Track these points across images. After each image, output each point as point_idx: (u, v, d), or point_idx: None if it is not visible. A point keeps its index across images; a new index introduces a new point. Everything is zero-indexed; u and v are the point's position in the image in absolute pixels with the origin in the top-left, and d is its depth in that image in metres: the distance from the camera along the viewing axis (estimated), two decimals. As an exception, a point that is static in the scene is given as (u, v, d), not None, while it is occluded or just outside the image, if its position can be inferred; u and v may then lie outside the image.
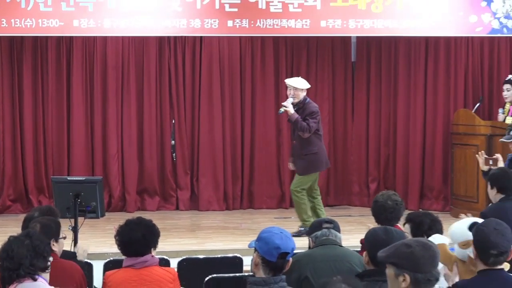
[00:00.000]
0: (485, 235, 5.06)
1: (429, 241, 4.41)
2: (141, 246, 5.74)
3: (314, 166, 10.92)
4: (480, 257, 5.08)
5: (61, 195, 8.24)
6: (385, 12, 11.64)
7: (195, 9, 11.34)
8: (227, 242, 10.52)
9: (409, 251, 4.28)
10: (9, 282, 4.81)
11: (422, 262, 4.22)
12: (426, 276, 4.21)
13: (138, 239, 5.73)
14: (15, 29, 11.11)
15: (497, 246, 5.02)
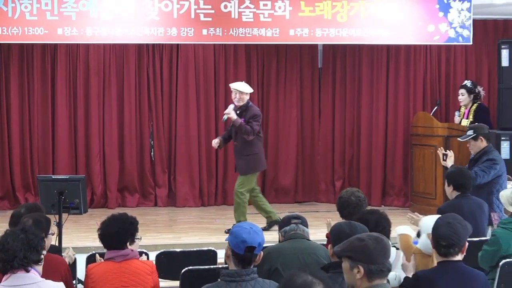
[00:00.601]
0: (437, 228, 5.12)
1: (380, 235, 4.46)
2: (122, 240, 5.75)
3: (254, 166, 10.93)
4: (435, 248, 5.15)
5: (46, 193, 8.21)
6: (349, 22, 11.66)
7: (172, 18, 11.32)
8: (202, 236, 10.53)
9: (362, 244, 4.34)
10: (3, 272, 4.83)
11: (375, 254, 4.28)
12: (379, 267, 4.27)
13: (119, 233, 5.74)
14: (2, 37, 11.04)
15: (446, 238, 5.08)
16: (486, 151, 8.99)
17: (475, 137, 9.03)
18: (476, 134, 9.03)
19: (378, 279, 4.27)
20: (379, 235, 4.44)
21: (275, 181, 13.49)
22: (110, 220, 5.86)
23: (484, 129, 9.19)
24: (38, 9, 10.96)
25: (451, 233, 5.08)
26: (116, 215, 5.94)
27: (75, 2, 11.06)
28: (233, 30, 11.49)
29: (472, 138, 9.05)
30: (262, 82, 13.41)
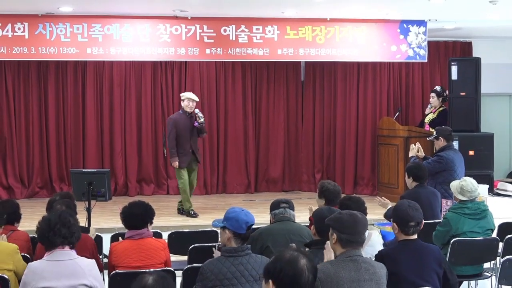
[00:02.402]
0: (404, 212, 5.09)
1: (360, 213, 4.49)
2: (140, 221, 5.74)
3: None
4: (401, 229, 5.11)
5: (77, 183, 8.17)
6: (326, 43, 11.65)
7: (180, 40, 11.29)
8: (206, 219, 10.47)
9: (339, 216, 4.44)
10: (48, 249, 4.74)
11: (346, 225, 4.36)
12: (348, 237, 4.33)
13: (138, 216, 5.73)
14: (42, 55, 11.00)
15: (414, 219, 5.06)
16: (443, 149, 9.04)
17: (437, 137, 9.21)
18: (437, 135, 9.19)
19: (349, 247, 4.33)
20: (358, 213, 4.49)
21: (266, 174, 13.47)
22: (134, 205, 5.84)
23: (445, 131, 9.25)
24: (71, 33, 10.93)
25: (417, 213, 5.09)
26: (138, 201, 5.92)
27: (101, 27, 11.03)
28: (231, 49, 11.46)
29: (434, 138, 9.23)
30: (255, 92, 13.39)
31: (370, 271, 4.31)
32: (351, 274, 4.23)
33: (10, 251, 5.41)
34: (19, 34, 10.80)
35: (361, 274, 4.25)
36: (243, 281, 4.71)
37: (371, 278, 4.28)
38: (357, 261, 4.30)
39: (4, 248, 5.42)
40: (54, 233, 4.67)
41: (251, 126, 13.33)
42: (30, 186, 12.76)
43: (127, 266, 5.57)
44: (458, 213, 6.69)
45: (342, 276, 4.20)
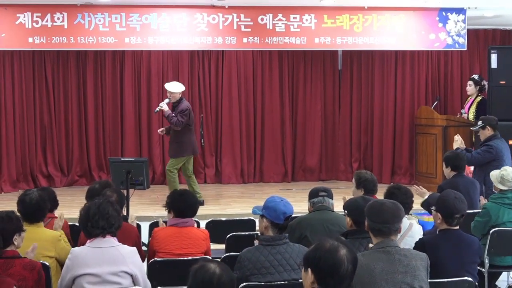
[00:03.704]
0: (451, 204, 5.06)
1: (393, 203, 4.43)
2: (190, 211, 5.79)
3: (181, 151, 10.78)
4: (446, 221, 5.08)
5: (116, 172, 8.24)
6: (364, 31, 11.57)
7: (218, 29, 11.30)
8: (243, 208, 10.52)
9: (370, 204, 4.44)
10: (89, 237, 4.80)
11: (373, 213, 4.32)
12: (375, 225, 4.27)
13: (189, 205, 5.78)
14: (81, 45, 11.09)
15: (460, 211, 5.04)
16: (490, 138, 8.85)
17: (483, 127, 8.89)
18: (484, 124, 8.90)
19: (380, 236, 4.28)
20: (389, 202, 4.43)
21: (303, 163, 13.47)
22: (186, 194, 5.90)
23: (492, 120, 8.99)
24: (109, 22, 10.99)
25: (463, 205, 5.06)
26: (188, 191, 5.98)
27: (139, 16, 11.08)
28: (268, 38, 11.44)
29: (480, 127, 8.94)
30: (292, 82, 13.38)
31: (405, 263, 4.20)
32: (383, 266, 4.14)
33: (53, 238, 5.48)
34: (58, 24, 10.89)
35: (395, 266, 4.16)
36: (281, 270, 4.71)
37: (405, 270, 4.17)
38: (390, 253, 4.20)
39: (47, 236, 5.49)
40: (92, 224, 4.72)
41: (288, 115, 13.32)
42: (69, 175, 12.90)
43: (168, 252, 5.61)
44: (498, 203, 6.62)
45: (374, 268, 4.12)
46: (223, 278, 3.33)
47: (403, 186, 6.09)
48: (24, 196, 5.62)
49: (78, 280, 4.68)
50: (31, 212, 5.51)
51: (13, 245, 4.76)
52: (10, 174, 12.38)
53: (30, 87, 12.57)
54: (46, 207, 5.69)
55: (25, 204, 5.54)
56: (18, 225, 4.88)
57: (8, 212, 4.91)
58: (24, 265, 4.68)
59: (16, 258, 4.70)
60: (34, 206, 5.54)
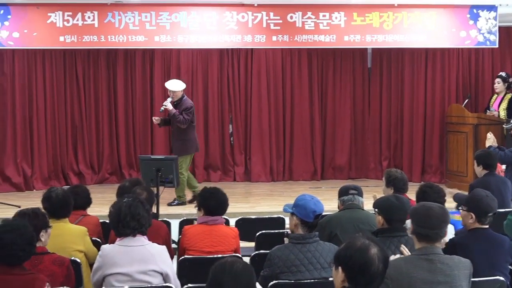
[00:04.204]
0: (484, 202, 5.02)
1: (440, 207, 4.33)
2: (220, 209, 5.79)
3: (187, 149, 10.67)
4: (478, 220, 5.03)
5: (146, 170, 8.29)
6: (394, 29, 11.51)
7: (247, 27, 11.30)
8: (272, 206, 10.50)
9: (416, 207, 4.37)
10: (119, 235, 4.85)
11: (420, 218, 4.24)
12: (421, 230, 4.19)
13: (220, 203, 5.79)
14: (111, 43, 11.16)
15: (493, 209, 5.00)
16: None
17: None
18: None
19: (424, 242, 4.19)
20: (436, 207, 4.33)
21: (333, 161, 13.43)
22: (217, 192, 5.90)
23: None
24: (139, 21, 11.05)
25: (494, 204, 5.02)
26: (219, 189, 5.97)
27: (169, 15, 11.12)
28: (297, 36, 11.42)
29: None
30: (321, 80, 13.35)
31: (446, 272, 4.10)
32: (424, 275, 4.06)
33: (80, 233, 5.57)
34: (89, 22, 10.97)
35: (435, 276, 4.07)
36: (311, 268, 4.71)
37: (446, 280, 4.07)
38: (433, 261, 4.11)
39: (74, 231, 5.57)
40: (123, 225, 4.76)
41: (317, 113, 13.28)
42: (100, 173, 12.99)
43: (199, 250, 5.64)
44: (531, 201, 6.55)
45: (414, 276, 4.05)
46: (236, 265, 3.43)
47: (435, 185, 6.05)
48: (49, 193, 5.70)
49: (108, 279, 4.72)
50: (57, 208, 5.58)
51: (40, 242, 4.80)
52: (42, 172, 12.49)
53: (61, 86, 12.68)
54: (71, 203, 5.75)
55: (51, 201, 5.61)
56: (44, 222, 4.93)
57: (34, 209, 4.96)
58: (53, 260, 4.71)
59: (45, 254, 4.74)
60: (60, 202, 5.61)
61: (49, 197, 5.64)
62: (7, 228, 4.23)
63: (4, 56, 12.04)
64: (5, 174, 12.20)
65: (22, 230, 4.23)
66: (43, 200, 5.69)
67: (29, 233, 4.27)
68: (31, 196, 11.68)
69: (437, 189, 5.84)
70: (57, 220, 5.53)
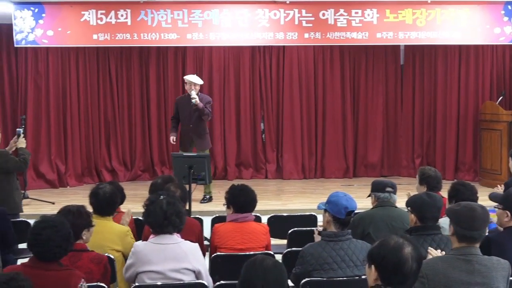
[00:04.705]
0: None
1: (481, 207, 4.26)
2: (249, 206, 5.79)
3: (207, 144, 10.77)
4: None
5: (178, 167, 8.31)
6: (427, 26, 11.42)
7: (279, 24, 11.29)
8: (304, 203, 10.50)
9: (457, 208, 4.24)
10: (155, 233, 4.86)
11: (462, 219, 4.14)
12: (463, 231, 4.10)
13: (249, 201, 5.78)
14: (144, 41, 11.22)
15: None
16: None
17: None
18: None
19: (464, 243, 4.12)
20: (478, 207, 4.24)
21: (365, 159, 13.38)
22: (246, 190, 5.89)
23: None
24: (172, 19, 11.09)
25: None
26: (247, 186, 5.97)
27: (201, 13, 11.14)
28: (329, 34, 11.39)
29: None
30: (353, 77, 13.30)
31: (484, 273, 4.03)
32: (461, 276, 4.01)
33: (121, 233, 5.53)
34: (122, 20, 11.04)
35: (473, 277, 4.01)
36: (344, 266, 4.69)
37: (483, 282, 4.00)
38: (471, 262, 4.05)
39: (116, 230, 5.55)
40: (169, 222, 4.77)
41: (349, 111, 13.23)
42: (132, 169, 13.07)
43: (230, 247, 5.64)
44: None
45: (451, 277, 4.00)
46: (266, 261, 3.48)
47: (467, 183, 5.98)
48: (97, 189, 5.70)
49: (140, 276, 4.75)
50: (103, 206, 5.59)
51: (81, 239, 4.83)
52: (75, 168, 12.61)
53: (94, 84, 12.77)
54: (117, 202, 5.77)
55: (98, 198, 5.62)
56: (88, 221, 4.95)
57: (79, 207, 4.99)
58: (91, 258, 4.75)
59: (84, 251, 4.78)
60: (106, 200, 5.62)
61: (96, 193, 5.65)
62: (44, 224, 4.26)
63: (39, 55, 12.16)
64: (39, 171, 12.33)
65: (59, 227, 4.27)
66: (90, 195, 5.71)
67: (65, 229, 4.30)
68: (65, 192, 11.79)
69: (469, 187, 5.78)
70: (101, 217, 5.55)
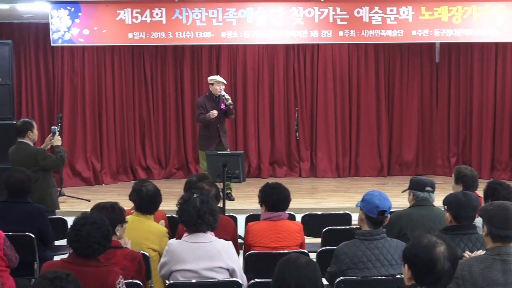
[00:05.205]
0: None
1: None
2: (283, 205, 5.78)
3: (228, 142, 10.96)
4: None
5: (213, 165, 8.32)
6: (463, 23, 11.29)
7: (313, 22, 11.24)
8: (338, 202, 10.48)
9: (490, 207, 4.19)
10: (190, 232, 4.87)
11: (495, 219, 4.07)
12: (497, 231, 4.05)
13: (282, 199, 5.78)
14: (178, 40, 11.24)
15: None
16: None
17: None
18: None
19: (499, 242, 4.06)
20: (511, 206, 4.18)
21: (399, 157, 13.31)
22: (279, 188, 5.88)
23: None
24: (206, 17, 11.09)
25: None
26: (281, 185, 5.95)
27: (236, 11, 11.14)
28: (364, 31, 11.30)
29: None
30: (388, 75, 13.24)
31: None
32: (497, 276, 3.93)
33: (159, 233, 5.56)
34: (157, 19, 11.08)
35: (509, 277, 3.94)
36: (378, 265, 4.67)
37: None
38: (507, 262, 3.98)
39: (154, 229, 5.57)
40: (203, 220, 4.78)
41: (384, 109, 13.17)
42: (167, 168, 13.15)
43: (264, 246, 5.64)
44: None
45: (487, 277, 3.93)
46: (300, 260, 3.48)
47: (503, 182, 5.92)
48: (140, 186, 5.71)
49: (174, 274, 4.78)
50: (145, 204, 5.61)
51: (115, 235, 4.87)
52: (111, 166, 12.71)
53: (130, 82, 12.87)
54: (159, 201, 5.78)
55: (140, 195, 5.63)
56: (121, 217, 4.99)
57: (112, 203, 5.04)
58: (125, 255, 4.79)
59: (118, 248, 4.82)
60: (149, 198, 5.64)
61: (139, 190, 5.67)
62: (84, 221, 4.31)
63: (75, 53, 12.29)
64: (75, 168, 12.45)
65: (98, 224, 4.31)
66: (133, 192, 5.72)
67: (105, 226, 4.35)
68: (100, 190, 11.90)
69: (505, 186, 5.72)
70: (142, 214, 5.58)
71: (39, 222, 6.42)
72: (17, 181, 6.39)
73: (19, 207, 6.38)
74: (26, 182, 6.42)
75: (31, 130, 7.86)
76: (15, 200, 6.38)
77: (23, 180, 6.40)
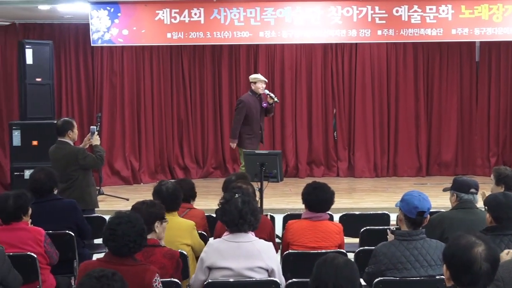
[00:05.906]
0: None
1: None
2: (324, 205, 5.77)
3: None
4: None
5: (250, 164, 8.33)
6: (504, 21, 11.15)
7: (352, 21, 11.19)
8: (376, 202, 10.43)
9: None
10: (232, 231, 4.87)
11: None
12: None
13: (325, 200, 5.77)
14: (216, 39, 11.27)
15: None
16: None
17: None
18: None
19: None
20: None
21: (438, 157, 13.22)
22: (319, 188, 5.88)
23: None
24: (244, 17, 11.11)
25: None
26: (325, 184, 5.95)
27: (274, 10, 11.13)
28: (403, 30, 11.22)
29: None
30: (427, 74, 13.16)
31: None
32: None
33: (188, 227, 5.65)
34: (195, 19, 11.13)
35: None
36: (417, 266, 4.63)
37: None
38: None
39: (183, 225, 5.66)
40: (244, 220, 4.80)
41: (422, 108, 13.08)
42: (204, 167, 13.20)
43: (302, 245, 5.63)
44: None
45: None
46: (337, 259, 3.49)
47: None
48: (160, 186, 5.81)
49: (213, 272, 4.79)
50: (168, 202, 5.64)
51: (154, 233, 4.90)
52: (149, 165, 12.81)
53: (168, 82, 12.95)
54: (180, 197, 5.85)
55: (162, 194, 5.71)
56: (160, 212, 5.03)
57: (152, 200, 5.11)
58: (164, 253, 4.82)
59: (157, 246, 4.86)
60: (170, 196, 5.71)
61: (159, 190, 5.75)
62: (119, 220, 4.35)
63: (114, 53, 12.41)
64: (114, 167, 12.58)
65: (133, 223, 4.35)
66: (154, 194, 5.80)
67: (140, 225, 4.38)
68: (138, 189, 12.00)
69: None
70: (167, 213, 5.63)
71: (73, 216, 6.50)
72: (35, 180, 6.44)
73: (51, 204, 6.45)
74: (46, 181, 6.45)
75: (72, 130, 7.94)
76: (46, 199, 6.44)
77: (43, 180, 6.43)
